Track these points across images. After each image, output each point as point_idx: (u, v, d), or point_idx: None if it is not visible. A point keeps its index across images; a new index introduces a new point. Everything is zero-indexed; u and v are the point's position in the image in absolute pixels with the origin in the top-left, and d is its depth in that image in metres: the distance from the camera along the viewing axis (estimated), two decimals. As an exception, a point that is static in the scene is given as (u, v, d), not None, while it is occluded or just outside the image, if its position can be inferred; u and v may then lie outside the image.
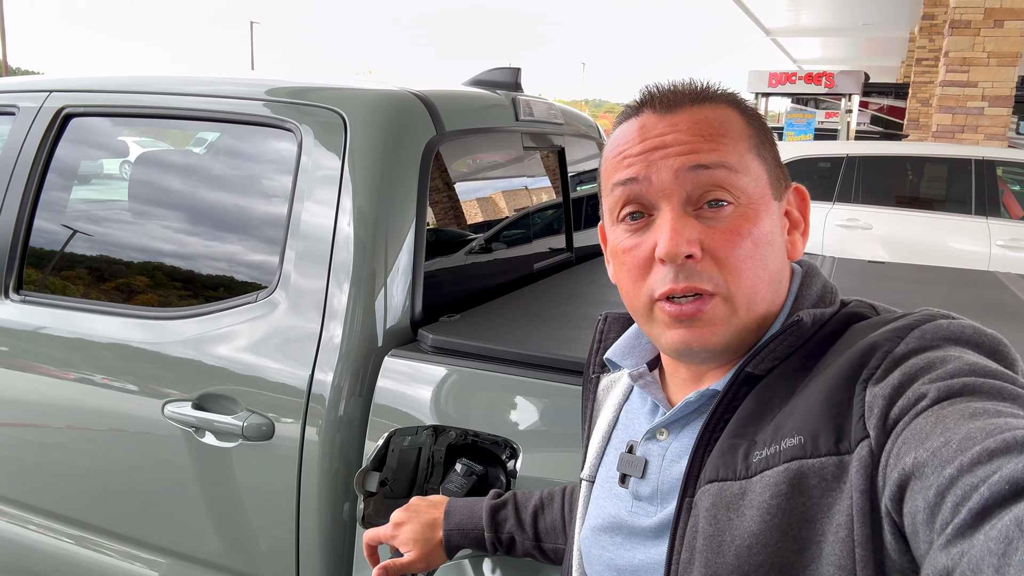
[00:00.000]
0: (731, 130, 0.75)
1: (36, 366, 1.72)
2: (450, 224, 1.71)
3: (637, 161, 0.75)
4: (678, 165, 0.73)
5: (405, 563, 1.05)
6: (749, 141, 0.76)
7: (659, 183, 0.74)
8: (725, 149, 0.74)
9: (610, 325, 0.96)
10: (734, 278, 0.72)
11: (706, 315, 0.73)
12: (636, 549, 0.78)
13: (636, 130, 0.77)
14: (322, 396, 1.41)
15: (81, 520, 1.74)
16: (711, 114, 0.75)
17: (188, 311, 1.59)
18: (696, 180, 0.73)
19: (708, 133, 0.74)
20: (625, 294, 0.79)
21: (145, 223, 1.76)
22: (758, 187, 0.75)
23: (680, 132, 0.74)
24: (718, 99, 0.77)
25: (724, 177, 0.73)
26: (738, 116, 0.77)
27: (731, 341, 0.74)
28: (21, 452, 1.78)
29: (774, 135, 0.81)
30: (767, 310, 0.76)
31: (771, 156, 0.78)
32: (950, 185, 5.49)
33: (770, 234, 0.75)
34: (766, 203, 0.75)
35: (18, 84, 1.92)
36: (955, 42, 7.38)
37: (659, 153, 0.74)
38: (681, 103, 0.76)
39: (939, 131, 7.57)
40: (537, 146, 2.08)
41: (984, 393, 0.58)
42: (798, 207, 0.81)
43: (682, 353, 0.76)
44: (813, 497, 0.63)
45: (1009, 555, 0.44)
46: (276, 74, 1.74)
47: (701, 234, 0.72)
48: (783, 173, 0.80)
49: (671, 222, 0.72)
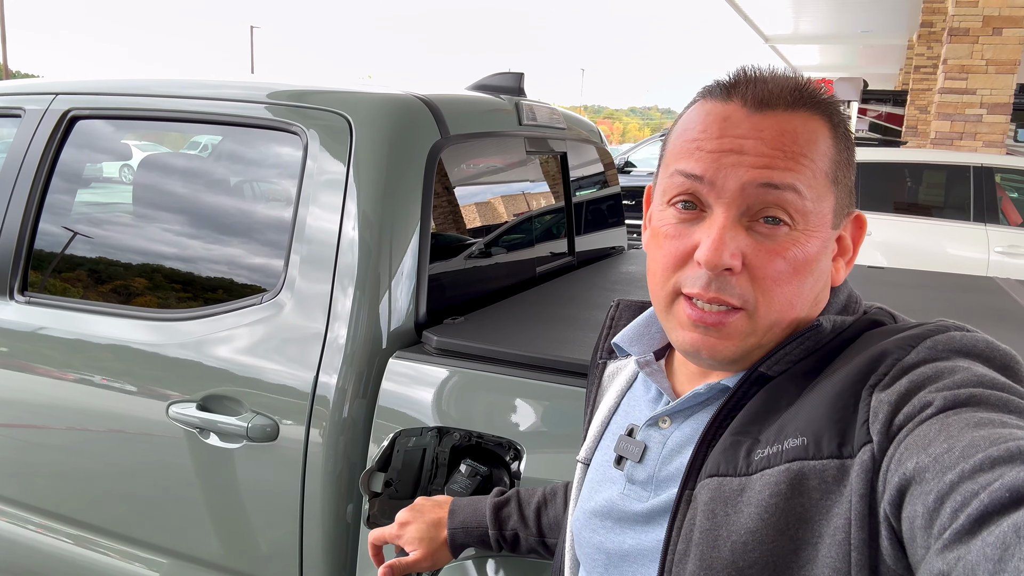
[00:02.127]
0: (815, 151, 0.71)
1: (41, 367, 1.73)
2: (454, 227, 1.72)
3: (708, 158, 0.71)
4: (748, 178, 0.69)
5: (410, 562, 1.06)
6: (830, 165, 0.72)
7: (723, 189, 0.70)
8: (802, 171, 0.70)
9: (622, 312, 0.96)
10: (765, 299, 0.71)
11: (726, 328, 0.72)
12: (626, 534, 0.78)
13: (718, 121, 0.72)
14: (326, 398, 1.42)
15: (86, 521, 1.74)
16: (800, 126, 0.71)
17: (193, 313, 1.60)
18: (761, 197, 0.70)
19: (790, 150, 0.70)
20: (652, 276, 0.77)
21: (151, 226, 1.77)
22: (819, 215, 0.72)
23: (762, 141, 0.70)
24: (814, 107, 0.72)
25: (791, 200, 0.69)
26: (828, 133, 0.72)
27: (741, 356, 0.74)
28: (26, 453, 1.79)
29: (855, 157, 0.77)
30: (789, 331, 0.75)
31: (846, 182, 0.75)
32: (949, 192, 5.51)
33: (815, 262, 0.72)
34: (822, 231, 0.72)
35: (24, 87, 1.93)
36: (953, 50, 7.41)
37: (733, 158, 0.70)
38: (774, 104, 0.71)
39: (938, 138, 7.59)
40: (540, 150, 2.09)
41: (991, 404, 0.59)
42: (852, 235, 0.79)
43: (689, 355, 0.76)
44: (812, 499, 0.63)
45: (1005, 561, 0.44)
46: (281, 77, 1.75)
47: (747, 247, 0.70)
48: (850, 200, 0.76)
49: (720, 230, 0.70)
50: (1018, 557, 0.44)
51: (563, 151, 2.22)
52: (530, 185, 2.06)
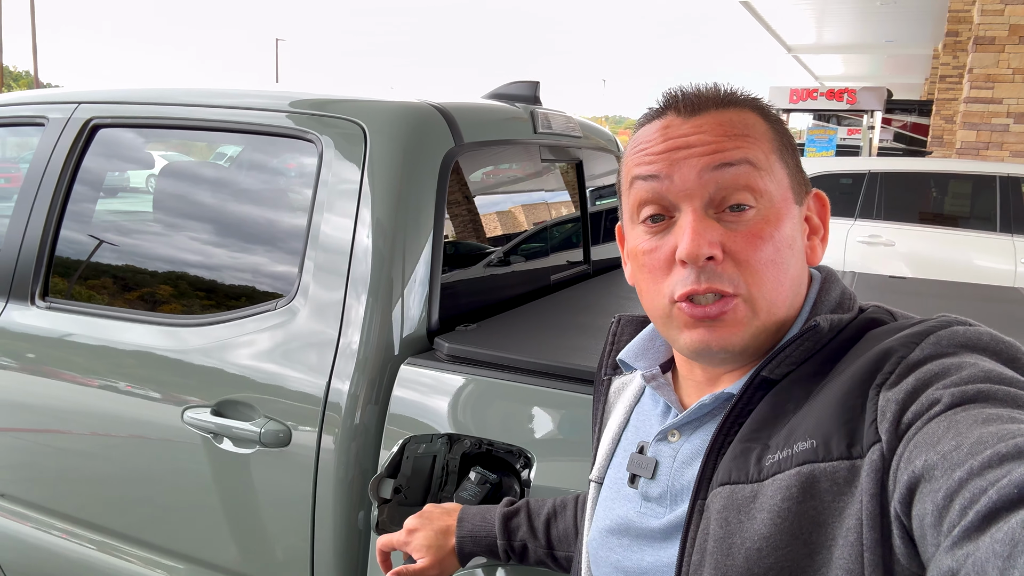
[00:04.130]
0: (755, 131, 0.75)
1: (60, 372, 1.75)
2: (467, 235, 1.73)
3: (659, 159, 0.75)
4: (702, 165, 0.73)
5: (417, 569, 1.06)
6: (772, 143, 0.76)
7: (682, 182, 0.73)
8: (750, 148, 0.74)
9: (623, 327, 0.96)
10: (755, 280, 0.72)
11: (728, 316, 0.72)
12: (645, 551, 0.78)
13: (659, 130, 0.77)
14: (338, 404, 1.42)
15: (102, 525, 1.76)
16: (735, 116, 0.76)
17: (207, 319, 1.61)
18: (720, 180, 0.72)
19: (733, 132, 0.74)
20: (643, 295, 0.79)
21: (166, 232, 1.79)
22: (780, 190, 0.75)
23: (704, 133, 0.74)
24: (742, 103, 0.77)
25: (749, 175, 0.73)
26: (761, 120, 0.77)
27: (750, 343, 0.74)
28: (45, 457, 1.81)
29: (794, 140, 0.81)
30: (786, 314, 0.75)
31: (793, 161, 0.78)
32: (974, 202, 5.44)
33: (791, 238, 0.75)
34: (788, 207, 0.75)
35: (47, 96, 1.97)
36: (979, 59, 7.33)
37: (683, 152, 0.74)
38: (705, 106, 0.76)
39: (963, 148, 7.50)
40: (555, 159, 2.09)
41: (999, 400, 0.58)
42: (818, 213, 0.81)
43: (700, 353, 0.75)
44: (824, 501, 0.62)
45: (1015, 557, 0.44)
46: (299, 87, 1.77)
47: (723, 237, 0.72)
48: (804, 179, 0.80)
49: (693, 223, 0.72)
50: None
51: (579, 159, 2.21)
52: (545, 193, 2.06)
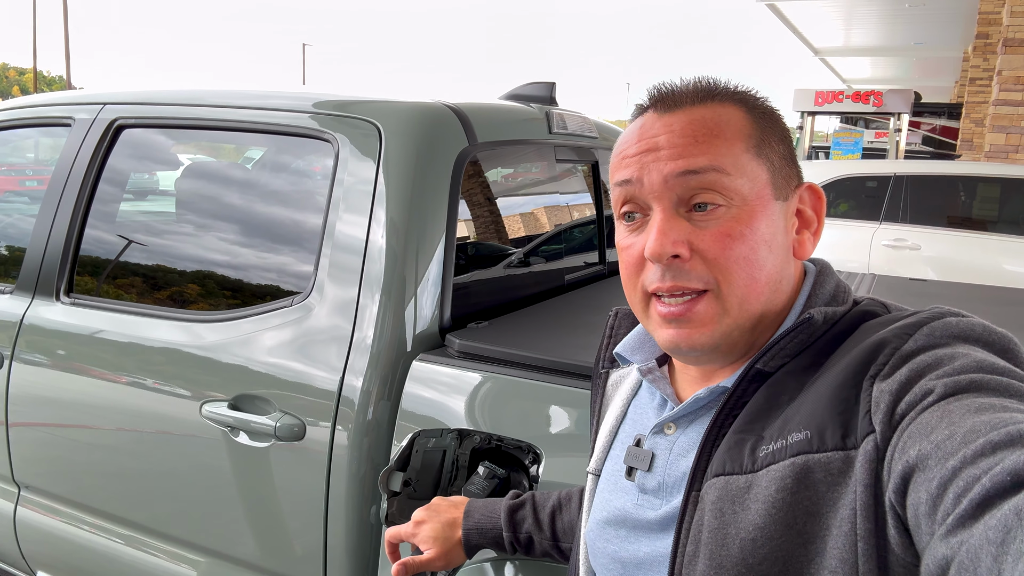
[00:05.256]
0: (727, 130, 0.75)
1: (84, 367, 1.79)
2: (481, 234, 1.74)
3: (633, 163, 0.77)
4: (667, 171, 0.74)
5: (424, 560, 1.07)
6: (748, 141, 0.75)
7: (650, 186, 0.75)
8: (717, 151, 0.73)
9: (620, 321, 0.97)
10: (724, 277, 0.73)
11: (695, 315, 0.74)
12: (641, 542, 0.79)
13: (636, 130, 0.78)
14: (351, 400, 1.45)
15: (125, 518, 1.79)
16: (708, 114, 0.75)
17: (224, 315, 1.65)
18: (685, 184, 0.73)
19: (700, 134, 0.74)
20: (625, 289, 0.81)
21: (185, 231, 1.82)
22: (755, 188, 0.74)
23: (673, 134, 0.75)
24: (722, 97, 0.77)
25: (715, 180, 0.73)
26: (741, 115, 0.76)
27: (721, 341, 0.75)
28: (69, 450, 1.85)
29: (788, 132, 0.81)
30: (763, 310, 0.76)
31: (777, 155, 0.77)
32: (1003, 206, 5.35)
33: (767, 235, 0.74)
34: (763, 203, 0.75)
35: (74, 97, 2.02)
36: (1009, 60, 7.21)
37: (651, 156, 0.75)
38: (681, 103, 0.77)
39: (992, 151, 7.38)
40: (570, 159, 2.10)
41: (991, 389, 0.58)
42: (812, 206, 0.81)
43: (673, 351, 0.78)
44: (818, 492, 0.63)
45: (1007, 544, 0.44)
46: (317, 88, 1.79)
47: (689, 235, 0.73)
48: (793, 172, 0.79)
49: (659, 223, 0.74)
50: (1020, 539, 0.44)
51: (595, 160, 2.22)
52: (560, 193, 2.07)
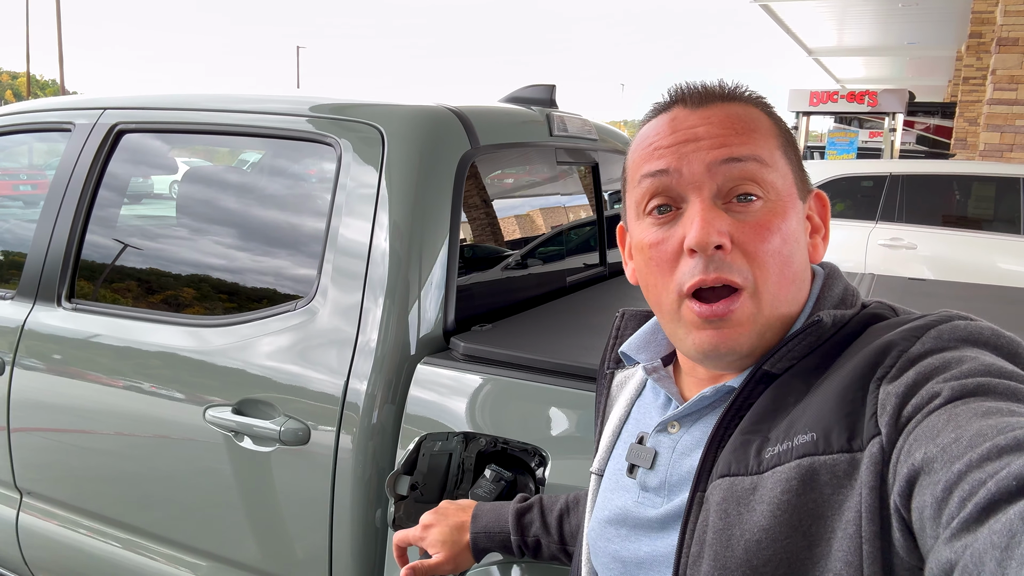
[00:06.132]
0: (761, 126, 0.76)
1: (85, 372, 1.79)
2: (483, 237, 1.74)
3: (668, 153, 0.75)
4: (711, 159, 0.73)
5: (433, 564, 1.07)
6: (777, 139, 0.77)
7: (690, 175, 0.74)
8: (756, 143, 0.75)
9: (627, 322, 0.97)
10: (762, 272, 0.72)
11: (735, 315, 0.72)
12: (642, 541, 0.79)
13: (667, 123, 0.77)
14: (356, 404, 1.44)
15: (129, 523, 1.79)
16: (741, 111, 0.77)
17: (228, 319, 1.64)
18: (728, 173, 0.73)
19: (740, 127, 0.75)
20: (651, 290, 0.78)
21: (190, 235, 1.82)
22: (786, 184, 0.76)
23: (712, 125, 0.75)
24: (746, 99, 0.79)
25: (756, 170, 0.73)
26: (765, 117, 0.78)
27: (757, 343, 0.74)
28: (71, 456, 1.84)
29: (796, 140, 0.83)
30: (788, 310, 0.76)
31: (795, 158, 0.80)
32: (998, 204, 5.37)
33: (796, 232, 0.76)
34: (793, 201, 0.76)
35: (73, 102, 2.01)
36: (1002, 60, 7.25)
37: (691, 146, 0.74)
38: (712, 99, 0.77)
39: (987, 150, 7.41)
40: (571, 161, 2.10)
41: (998, 393, 0.58)
42: (819, 212, 0.82)
43: (708, 355, 0.75)
44: (824, 494, 0.63)
45: (1012, 549, 0.44)
46: (318, 91, 1.79)
47: (731, 226, 0.72)
48: (805, 177, 0.81)
49: (701, 212, 0.72)
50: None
51: (595, 162, 2.22)
52: (561, 195, 2.07)
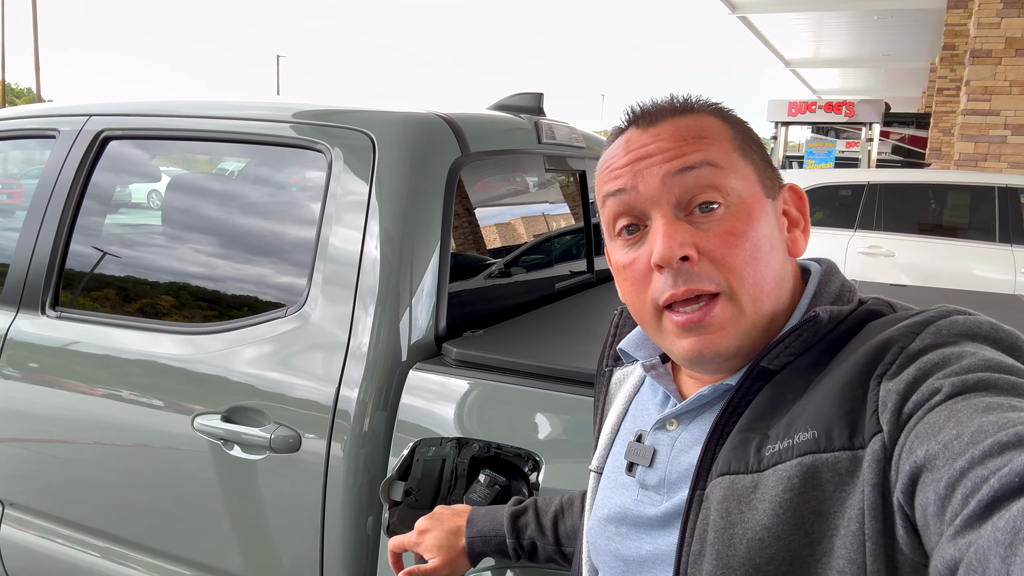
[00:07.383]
0: (713, 132, 0.77)
1: (70, 381, 1.77)
2: (473, 244, 1.75)
3: (624, 172, 0.77)
4: (664, 171, 0.74)
5: (429, 569, 1.07)
6: (733, 142, 0.77)
7: (647, 191, 0.75)
8: (709, 149, 0.75)
9: (625, 320, 0.96)
10: (735, 276, 0.72)
11: (714, 319, 0.73)
12: (642, 539, 0.79)
13: (622, 145, 0.79)
14: (347, 411, 1.44)
15: (113, 533, 1.77)
16: (692, 122, 0.77)
17: (218, 327, 1.63)
18: (683, 184, 0.74)
19: (690, 136, 0.76)
20: (633, 308, 0.80)
21: (176, 244, 1.81)
22: (747, 185, 0.76)
23: (663, 140, 0.76)
24: (698, 109, 0.79)
25: (711, 175, 0.74)
26: (719, 122, 0.78)
27: (742, 344, 0.74)
28: (56, 466, 1.82)
29: (759, 138, 0.83)
30: (774, 308, 0.75)
31: (759, 156, 0.79)
32: (973, 213, 5.47)
33: (766, 231, 0.75)
34: (758, 201, 0.76)
35: (58, 109, 2.00)
36: (976, 71, 7.39)
37: (644, 163, 0.76)
38: (662, 116, 0.78)
39: (961, 160, 7.54)
40: (559, 168, 2.11)
41: (999, 388, 0.59)
42: (796, 205, 0.82)
43: (695, 361, 0.76)
44: (826, 492, 0.63)
45: (1016, 545, 0.44)
46: (306, 98, 1.79)
47: (695, 237, 0.73)
48: (774, 173, 0.81)
49: (663, 227, 0.73)
50: None
51: (582, 169, 2.24)
52: (549, 202, 2.08)
